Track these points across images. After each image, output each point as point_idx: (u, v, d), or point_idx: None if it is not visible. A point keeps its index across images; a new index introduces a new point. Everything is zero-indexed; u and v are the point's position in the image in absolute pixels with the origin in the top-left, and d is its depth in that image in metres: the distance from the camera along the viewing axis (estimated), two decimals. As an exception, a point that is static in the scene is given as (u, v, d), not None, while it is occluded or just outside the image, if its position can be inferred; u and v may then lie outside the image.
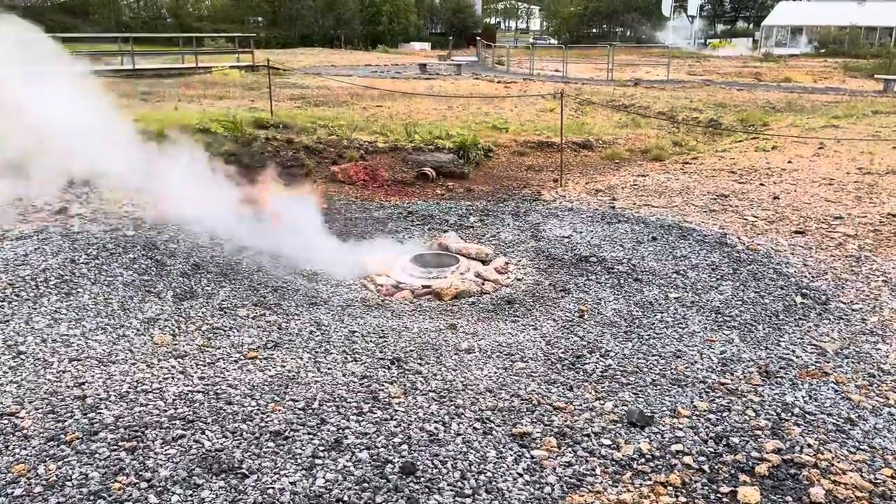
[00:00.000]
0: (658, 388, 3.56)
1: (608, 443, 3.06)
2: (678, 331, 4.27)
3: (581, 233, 6.26)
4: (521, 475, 2.83)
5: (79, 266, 4.83)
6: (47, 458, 2.83)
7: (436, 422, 3.18)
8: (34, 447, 2.90)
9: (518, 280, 5.30)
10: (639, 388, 3.55)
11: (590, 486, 2.77)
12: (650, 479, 2.82)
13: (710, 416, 3.28)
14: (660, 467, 2.90)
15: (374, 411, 3.26)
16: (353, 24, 46.11)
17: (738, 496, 2.71)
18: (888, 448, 3.04)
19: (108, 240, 5.35)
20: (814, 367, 3.79)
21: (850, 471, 2.87)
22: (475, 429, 3.14)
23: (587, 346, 4.07)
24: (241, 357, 3.82)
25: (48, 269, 4.73)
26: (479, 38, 36.07)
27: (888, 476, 2.85)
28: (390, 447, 2.97)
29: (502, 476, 2.82)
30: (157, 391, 3.39)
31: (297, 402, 3.32)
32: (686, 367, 3.78)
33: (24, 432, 3.00)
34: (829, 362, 3.85)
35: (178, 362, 3.72)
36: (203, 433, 3.03)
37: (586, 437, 3.09)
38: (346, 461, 2.87)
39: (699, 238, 6.02)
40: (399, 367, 3.74)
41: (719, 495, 2.74)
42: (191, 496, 2.64)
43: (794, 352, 3.97)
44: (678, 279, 5.12)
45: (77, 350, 3.78)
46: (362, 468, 2.83)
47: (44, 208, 6.18)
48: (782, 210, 6.89)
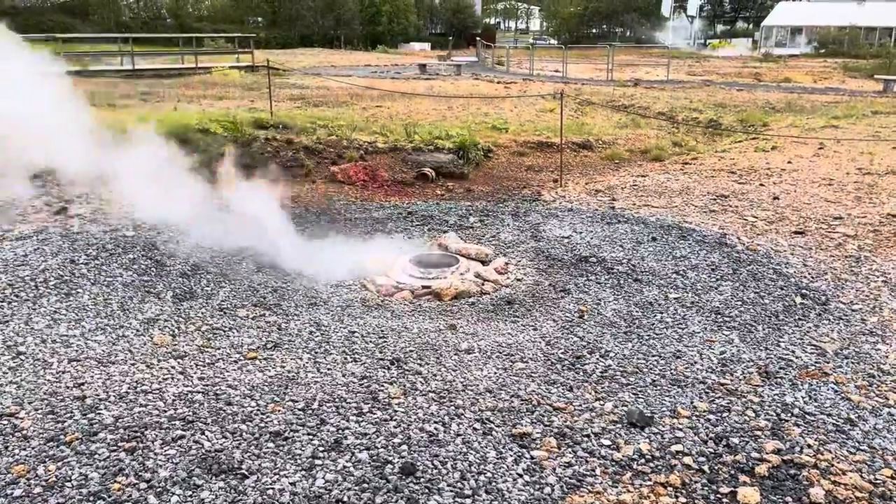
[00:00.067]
0: (658, 388, 3.56)
1: (608, 443, 3.06)
2: (678, 331, 4.27)
3: (581, 233, 6.25)
4: (520, 476, 2.83)
5: (78, 266, 4.83)
6: (47, 459, 2.83)
7: (435, 422, 3.18)
8: (34, 448, 2.90)
9: (518, 280, 5.30)
10: (639, 389, 3.55)
11: (590, 487, 2.77)
12: (650, 480, 2.82)
13: (710, 417, 3.28)
14: (660, 468, 2.90)
15: (373, 412, 3.26)
16: (352, 25, 46.13)
17: (738, 497, 2.71)
18: (888, 448, 3.04)
19: (107, 240, 5.36)
20: (813, 368, 3.79)
21: (850, 471, 2.87)
22: (475, 429, 3.14)
23: (587, 346, 4.07)
24: (241, 357, 3.82)
25: (48, 269, 4.73)
26: (478, 38, 36.07)
27: (888, 476, 2.85)
28: (390, 447, 2.97)
29: (502, 476, 2.82)
30: (157, 392, 3.39)
31: (297, 402, 3.32)
32: (686, 368, 3.78)
33: (24, 433, 3.00)
34: (828, 363, 3.85)
35: (178, 363, 3.71)
36: (203, 434, 3.03)
37: (586, 438, 3.09)
38: (346, 462, 2.87)
39: (699, 238, 6.02)
40: (399, 367, 3.74)
41: (719, 496, 2.74)
42: (190, 497, 2.64)
43: (793, 352, 3.97)
44: (678, 279, 5.12)
45: (77, 350, 3.78)
46: (362, 469, 2.83)
47: (43, 209, 6.18)
48: (782, 210, 6.89)
